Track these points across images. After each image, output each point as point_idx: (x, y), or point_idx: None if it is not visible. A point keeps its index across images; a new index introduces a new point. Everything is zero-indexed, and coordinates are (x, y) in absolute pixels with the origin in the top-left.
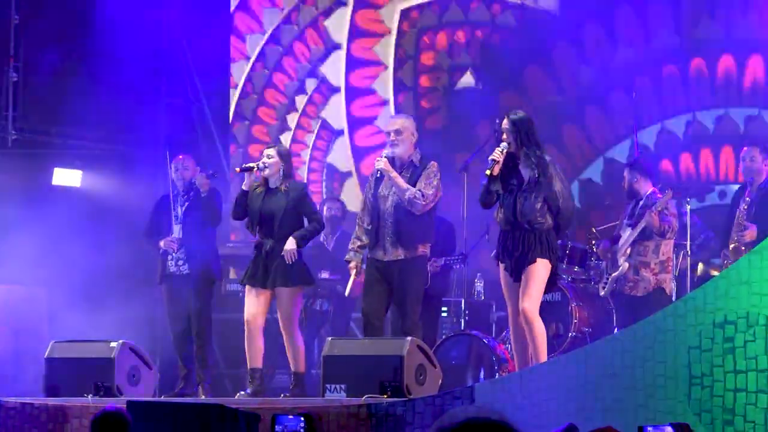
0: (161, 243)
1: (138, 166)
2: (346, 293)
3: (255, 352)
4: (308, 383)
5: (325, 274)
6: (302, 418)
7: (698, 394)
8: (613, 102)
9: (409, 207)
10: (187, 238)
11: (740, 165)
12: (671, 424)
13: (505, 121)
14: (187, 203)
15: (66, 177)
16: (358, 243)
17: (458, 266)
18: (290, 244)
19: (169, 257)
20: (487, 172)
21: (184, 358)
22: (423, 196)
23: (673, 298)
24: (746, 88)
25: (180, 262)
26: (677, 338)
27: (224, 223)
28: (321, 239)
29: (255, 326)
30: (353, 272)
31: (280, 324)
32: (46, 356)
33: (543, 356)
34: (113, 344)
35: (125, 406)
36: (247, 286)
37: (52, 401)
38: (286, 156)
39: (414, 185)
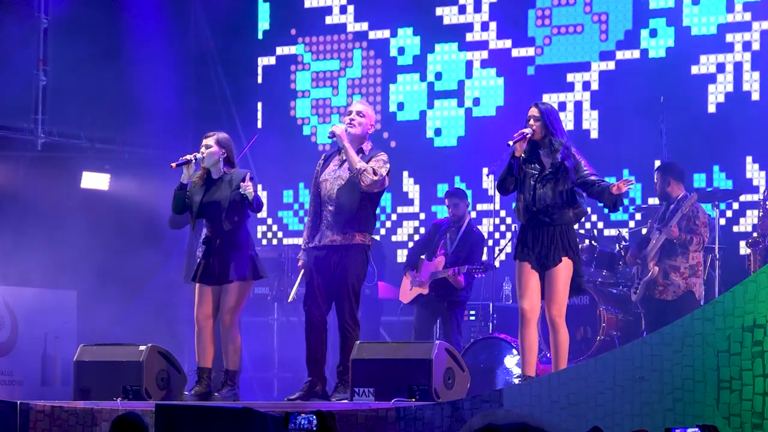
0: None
1: (166, 169)
2: (289, 299)
3: (206, 352)
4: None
5: None
6: (314, 416)
7: (727, 397)
8: None
9: (358, 177)
10: None
11: None
12: (699, 426)
13: (534, 109)
14: None
15: (94, 180)
16: (306, 241)
17: (479, 275)
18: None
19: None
20: (510, 142)
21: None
22: (374, 172)
23: (702, 302)
24: None
25: None
26: (706, 342)
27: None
28: None
29: (208, 326)
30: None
31: (224, 317)
32: (75, 359)
33: (564, 363)
34: (142, 348)
35: (154, 409)
36: (197, 284)
37: (81, 404)
38: (226, 143)
39: None
